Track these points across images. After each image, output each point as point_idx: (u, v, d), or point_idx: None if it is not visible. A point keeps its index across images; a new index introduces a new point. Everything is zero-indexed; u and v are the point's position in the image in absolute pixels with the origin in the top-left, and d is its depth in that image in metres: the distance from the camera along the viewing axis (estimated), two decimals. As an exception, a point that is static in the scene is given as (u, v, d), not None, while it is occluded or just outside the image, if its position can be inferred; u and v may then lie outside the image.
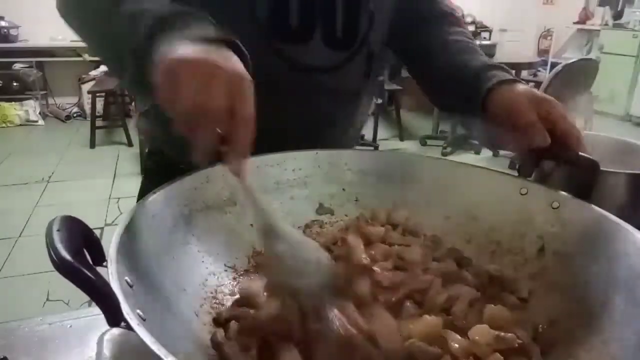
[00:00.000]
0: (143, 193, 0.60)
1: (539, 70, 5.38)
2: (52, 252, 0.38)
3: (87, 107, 4.65)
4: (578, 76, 3.54)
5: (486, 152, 4.16)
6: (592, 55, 5.23)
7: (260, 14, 0.68)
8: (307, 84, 0.74)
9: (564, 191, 0.61)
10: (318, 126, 0.78)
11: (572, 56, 5.22)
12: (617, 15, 5.88)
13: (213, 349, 0.49)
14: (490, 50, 4.35)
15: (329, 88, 0.76)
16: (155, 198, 0.56)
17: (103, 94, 4.53)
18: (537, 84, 4.30)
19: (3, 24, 4.54)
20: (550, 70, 4.03)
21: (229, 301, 0.59)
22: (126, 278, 0.42)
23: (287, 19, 0.69)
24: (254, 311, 0.53)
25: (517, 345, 0.48)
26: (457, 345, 0.48)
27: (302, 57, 0.72)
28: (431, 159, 0.75)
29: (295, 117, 0.74)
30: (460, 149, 4.28)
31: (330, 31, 0.72)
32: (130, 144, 4.10)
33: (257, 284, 0.56)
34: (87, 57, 4.81)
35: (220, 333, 0.50)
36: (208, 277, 0.60)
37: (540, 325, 0.54)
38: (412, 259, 0.62)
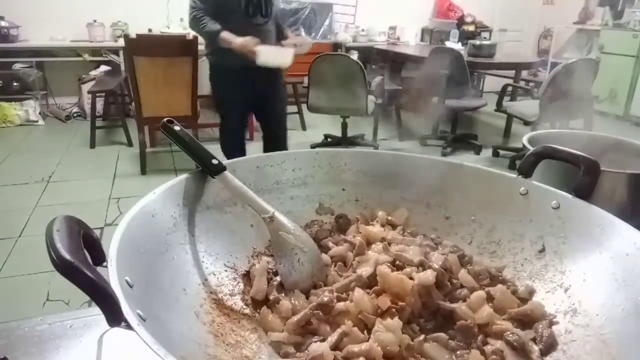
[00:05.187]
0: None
1: (539, 70, 5.37)
2: (52, 252, 0.38)
3: (87, 107, 4.64)
4: (578, 76, 3.53)
5: (486, 152, 4.15)
6: (592, 55, 5.22)
7: (243, 6, 2.45)
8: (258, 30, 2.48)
9: (564, 191, 0.61)
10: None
11: (572, 56, 5.22)
12: (617, 15, 5.87)
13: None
14: (490, 50, 4.34)
15: (266, 29, 2.56)
16: (155, 198, 0.56)
17: (103, 94, 4.52)
18: (537, 84, 4.29)
19: (3, 24, 4.53)
20: (550, 70, 4.03)
21: (229, 301, 0.59)
22: (126, 278, 0.42)
23: (248, 8, 2.48)
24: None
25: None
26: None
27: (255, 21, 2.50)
28: (431, 159, 0.75)
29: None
30: (460, 149, 4.27)
31: (261, 12, 2.53)
32: (130, 144, 4.10)
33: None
34: (87, 57, 4.81)
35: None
36: (208, 277, 0.60)
37: (541, 326, 0.54)
38: (411, 258, 0.62)
